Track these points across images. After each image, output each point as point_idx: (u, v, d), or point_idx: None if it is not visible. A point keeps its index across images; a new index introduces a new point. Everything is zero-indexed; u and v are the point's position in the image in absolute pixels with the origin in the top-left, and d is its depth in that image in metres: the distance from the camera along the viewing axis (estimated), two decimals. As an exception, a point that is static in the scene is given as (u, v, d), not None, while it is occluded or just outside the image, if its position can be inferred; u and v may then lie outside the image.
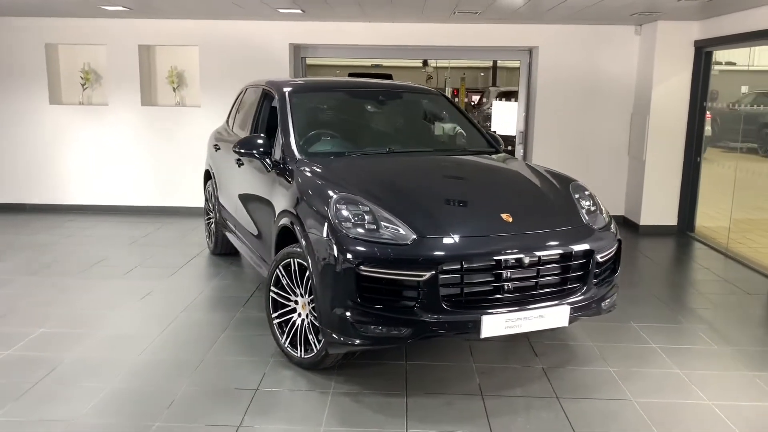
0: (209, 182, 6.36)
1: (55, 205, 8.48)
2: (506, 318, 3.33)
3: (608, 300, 3.76)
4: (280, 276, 3.92)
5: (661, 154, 7.62)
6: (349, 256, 3.29)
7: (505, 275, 3.35)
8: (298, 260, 3.74)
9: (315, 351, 3.70)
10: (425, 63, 16.97)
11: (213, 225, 6.28)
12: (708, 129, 7.67)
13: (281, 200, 4.12)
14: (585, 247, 3.54)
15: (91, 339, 4.27)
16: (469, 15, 7.07)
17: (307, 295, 3.74)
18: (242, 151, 4.53)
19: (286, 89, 4.84)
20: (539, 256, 3.41)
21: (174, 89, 8.39)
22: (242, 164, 5.09)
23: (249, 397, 3.51)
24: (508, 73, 22.23)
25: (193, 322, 4.59)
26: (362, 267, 3.26)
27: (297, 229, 3.71)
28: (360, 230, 3.37)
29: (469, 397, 3.55)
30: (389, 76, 16.01)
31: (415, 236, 3.32)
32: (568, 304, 3.50)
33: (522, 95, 8.53)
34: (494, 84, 20.21)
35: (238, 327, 4.52)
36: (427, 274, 3.22)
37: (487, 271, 3.32)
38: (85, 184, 8.45)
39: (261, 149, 4.45)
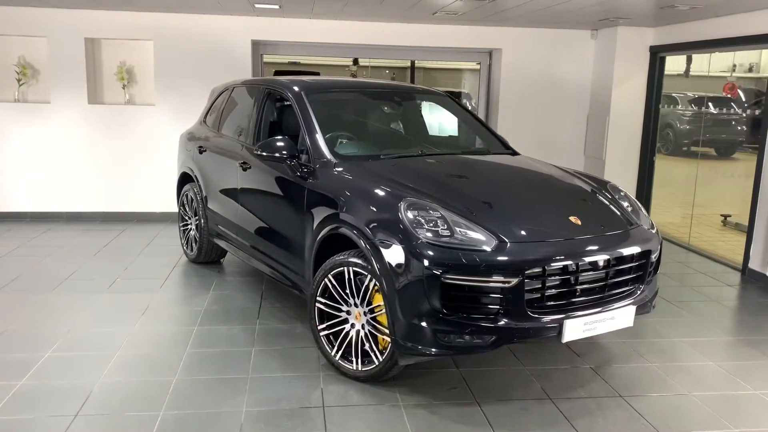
0: (187, 187, 5.98)
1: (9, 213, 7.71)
2: (584, 321, 3.35)
3: (655, 298, 3.88)
4: (330, 286, 3.75)
5: (619, 154, 7.98)
6: (433, 264, 3.19)
7: (582, 278, 3.37)
8: (355, 269, 3.59)
9: (377, 363, 3.56)
10: (356, 61, 16.85)
11: (195, 232, 5.91)
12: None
13: (320, 206, 3.93)
14: (646, 247, 3.63)
15: (115, 362, 3.89)
16: (435, 16, 7.09)
17: (364, 305, 3.60)
18: (265, 154, 4.29)
19: (303, 89, 4.64)
20: (615, 258, 3.45)
21: (123, 86, 7.83)
22: (248, 168, 4.82)
23: (320, 416, 3.33)
24: (424, 73, 22.54)
25: (216, 338, 4.30)
26: (448, 275, 3.16)
27: (355, 236, 3.55)
28: (438, 237, 3.27)
29: (539, 401, 3.55)
30: (317, 74, 15.77)
31: (495, 241, 3.26)
32: (633, 303, 3.58)
33: (482, 96, 8.66)
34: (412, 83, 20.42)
35: (266, 341, 4.27)
36: (514, 280, 3.18)
37: (568, 274, 3.33)
38: (23, 189, 7.71)
39: (289, 152, 4.23)
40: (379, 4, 6.35)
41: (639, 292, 3.66)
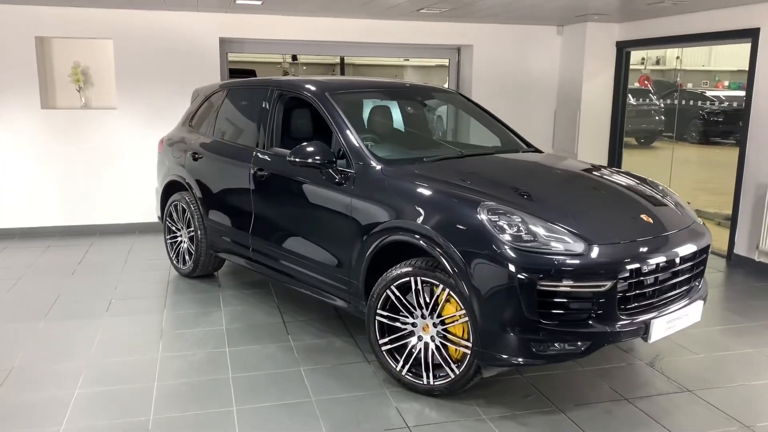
0: (176, 197, 5.58)
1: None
2: (667, 320, 3.35)
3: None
4: (393, 297, 3.56)
5: (590, 147, 8.16)
6: (526, 270, 3.07)
7: (664, 277, 3.36)
8: (424, 278, 3.43)
9: (454, 375, 3.41)
10: (294, 58, 16.44)
11: (187, 245, 5.51)
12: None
13: (370, 214, 3.73)
14: (708, 241, 3.68)
15: (159, 394, 3.54)
16: (407, 12, 6.99)
17: (434, 317, 3.44)
18: (298, 160, 4.03)
19: (326, 90, 4.40)
20: (690, 254, 3.46)
21: (79, 89, 7.22)
22: (266, 175, 4.53)
23: (410, 437, 3.16)
24: (354, 69, 22.33)
25: (255, 360, 4.01)
26: (544, 282, 3.06)
27: (426, 244, 3.38)
28: (523, 242, 3.16)
29: (617, 402, 3.52)
30: (253, 72, 15.28)
31: (584, 244, 3.19)
32: (700, 298, 3.61)
33: (452, 92, 8.62)
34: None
35: (310, 358, 4.03)
36: (609, 283, 3.12)
37: (656, 273, 3.30)
38: (-31, 204, 6.98)
39: (327, 158, 3.99)
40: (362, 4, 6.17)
41: (701, 286, 3.71)
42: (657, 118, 15.35)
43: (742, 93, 6.44)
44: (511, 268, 3.09)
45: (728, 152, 12.07)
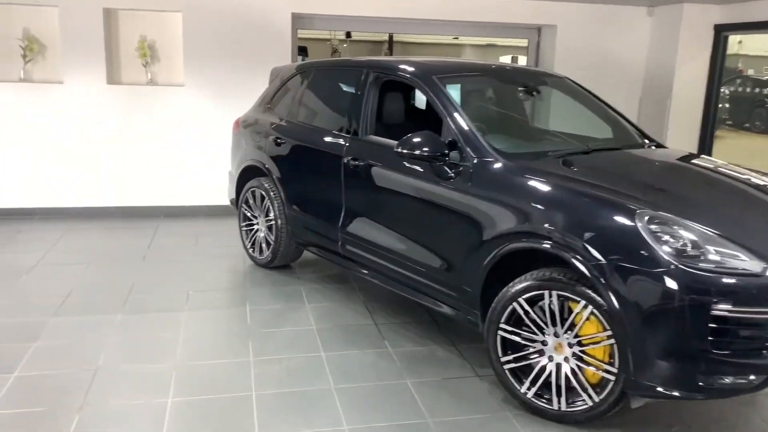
0: (254, 182, 5.25)
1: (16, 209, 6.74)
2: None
3: None
4: (522, 312, 3.18)
5: (678, 138, 7.60)
6: (698, 292, 2.66)
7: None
8: (561, 292, 3.03)
9: (592, 403, 3.03)
10: (348, 35, 15.97)
11: (265, 233, 5.18)
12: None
13: (493, 216, 3.33)
14: None
15: (271, 404, 3.22)
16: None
17: (568, 334, 3.05)
18: (406, 152, 3.64)
19: (433, 72, 4.00)
20: None
21: (145, 64, 6.91)
22: (361, 165, 4.16)
23: (551, 474, 2.79)
24: (402, 48, 21.76)
25: (356, 368, 3.66)
26: (719, 306, 2.64)
27: (567, 254, 2.98)
28: (690, 258, 2.74)
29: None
30: (305, 49, 14.90)
31: (763, 264, 2.76)
32: None
33: (530, 76, 8.12)
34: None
35: (414, 370, 3.67)
36: (792, 309, 2.69)
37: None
38: (30, 182, 6.75)
39: (438, 150, 3.59)
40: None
41: None
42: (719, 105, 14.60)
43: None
44: (680, 288, 2.68)
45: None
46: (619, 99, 7.82)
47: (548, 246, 3.07)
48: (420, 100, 4.87)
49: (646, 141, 4.33)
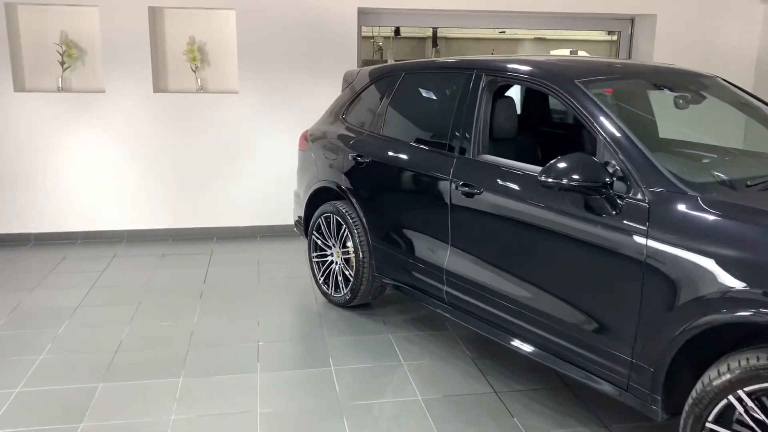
0: (328, 207, 4.44)
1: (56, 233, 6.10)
2: None
3: None
4: (741, 409, 2.28)
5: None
6: None
7: None
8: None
9: None
10: (397, 32, 15.06)
11: (342, 267, 4.37)
12: None
13: (691, 270, 2.44)
14: None
15: None
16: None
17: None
18: (551, 181, 2.77)
19: (574, 75, 3.12)
20: None
21: (194, 69, 6.15)
22: (473, 194, 3.31)
23: None
24: (446, 44, 20.84)
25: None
26: None
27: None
28: None
29: None
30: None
31: None
32: None
33: (622, 73, 7.17)
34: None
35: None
36: None
37: None
38: (72, 203, 6.06)
39: (600, 178, 2.72)
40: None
41: None
42: None
43: None
44: None
45: None
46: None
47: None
48: (535, 110, 4.00)
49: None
